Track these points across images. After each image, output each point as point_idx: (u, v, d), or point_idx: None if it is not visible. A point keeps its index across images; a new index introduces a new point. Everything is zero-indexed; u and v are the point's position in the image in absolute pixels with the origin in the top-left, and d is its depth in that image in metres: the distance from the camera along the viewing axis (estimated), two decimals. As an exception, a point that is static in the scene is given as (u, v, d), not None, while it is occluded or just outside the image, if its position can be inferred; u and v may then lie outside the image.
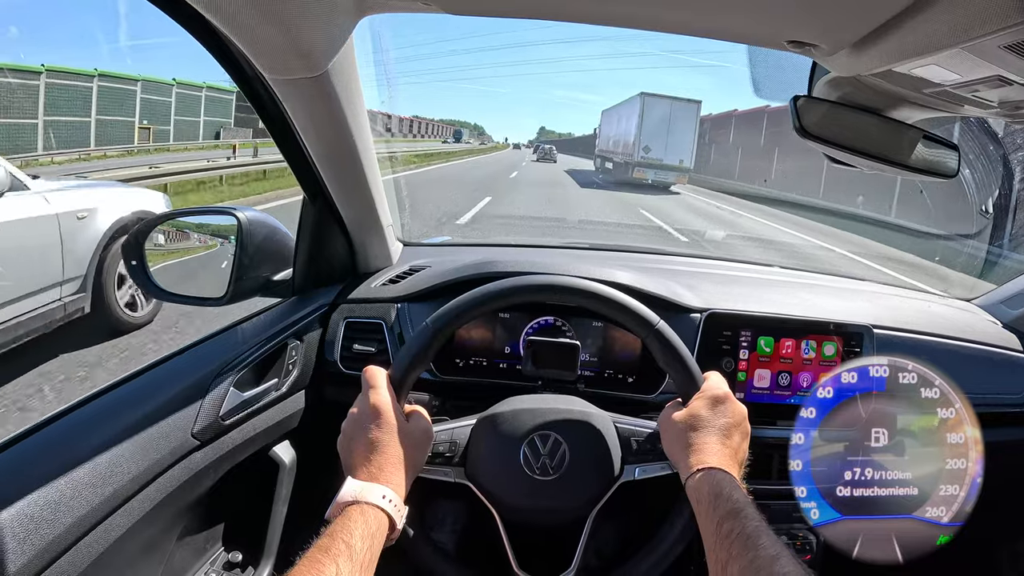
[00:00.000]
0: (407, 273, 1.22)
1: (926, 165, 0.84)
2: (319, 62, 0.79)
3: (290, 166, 1.04)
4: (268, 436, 1.00)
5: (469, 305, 0.83)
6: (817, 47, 0.69)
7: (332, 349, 1.11)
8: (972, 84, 0.65)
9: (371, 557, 0.62)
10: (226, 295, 1.02)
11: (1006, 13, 0.47)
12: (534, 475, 0.81)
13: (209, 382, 0.88)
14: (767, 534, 0.61)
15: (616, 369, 1.11)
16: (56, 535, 0.63)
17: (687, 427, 0.76)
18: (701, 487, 0.69)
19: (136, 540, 0.75)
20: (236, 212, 1.04)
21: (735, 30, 0.73)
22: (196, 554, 0.95)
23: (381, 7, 0.75)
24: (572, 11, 0.73)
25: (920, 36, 0.57)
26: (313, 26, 0.72)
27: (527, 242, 1.66)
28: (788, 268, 1.53)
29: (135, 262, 1.03)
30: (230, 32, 0.72)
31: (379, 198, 1.15)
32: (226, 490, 0.93)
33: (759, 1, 0.62)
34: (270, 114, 0.92)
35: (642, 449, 0.84)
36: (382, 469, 0.70)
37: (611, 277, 1.07)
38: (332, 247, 1.18)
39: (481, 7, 0.71)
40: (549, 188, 17.53)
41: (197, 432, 0.83)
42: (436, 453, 0.82)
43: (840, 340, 1.08)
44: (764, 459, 1.05)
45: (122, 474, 0.72)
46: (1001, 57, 0.55)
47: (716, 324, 1.08)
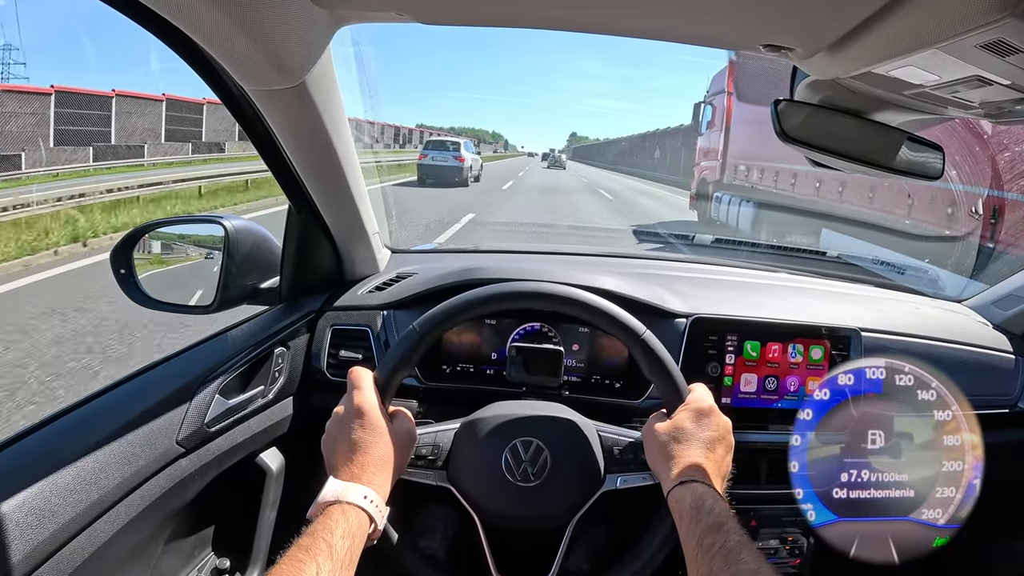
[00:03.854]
0: (393, 280, 1.22)
1: (910, 167, 0.84)
2: (296, 73, 0.80)
3: (274, 175, 1.04)
4: (255, 443, 1.00)
5: (455, 310, 0.83)
6: (793, 51, 0.69)
7: (318, 356, 1.11)
8: (951, 85, 0.65)
9: (351, 557, 0.63)
10: (213, 303, 1.03)
11: (980, 12, 0.47)
12: (515, 481, 0.81)
13: (195, 389, 0.88)
14: (748, 548, 0.61)
15: (603, 374, 1.11)
16: (41, 540, 0.64)
17: (671, 439, 0.77)
18: (683, 500, 0.69)
19: (121, 546, 0.76)
20: (223, 221, 1.05)
21: (711, 35, 0.73)
22: (183, 560, 0.95)
23: (355, 19, 0.76)
24: (547, 19, 0.74)
25: (895, 37, 0.57)
26: (288, 38, 0.73)
27: (515, 248, 1.66)
28: (774, 271, 1.53)
29: (123, 271, 1.03)
30: (206, 45, 0.73)
31: (364, 206, 1.15)
32: (213, 497, 0.93)
33: (733, 6, 0.63)
34: (252, 125, 0.93)
35: (624, 459, 0.84)
36: (364, 469, 0.71)
37: (596, 283, 1.07)
38: (318, 255, 1.19)
39: (455, 18, 0.72)
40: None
41: (182, 439, 0.84)
42: (419, 456, 0.83)
43: (828, 344, 1.08)
44: (752, 464, 1.05)
45: (107, 480, 0.72)
46: (978, 56, 0.55)
47: (702, 329, 1.08)
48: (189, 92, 22.78)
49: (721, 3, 0.62)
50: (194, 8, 0.64)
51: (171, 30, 0.69)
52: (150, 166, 18.71)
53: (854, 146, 0.80)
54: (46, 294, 5.72)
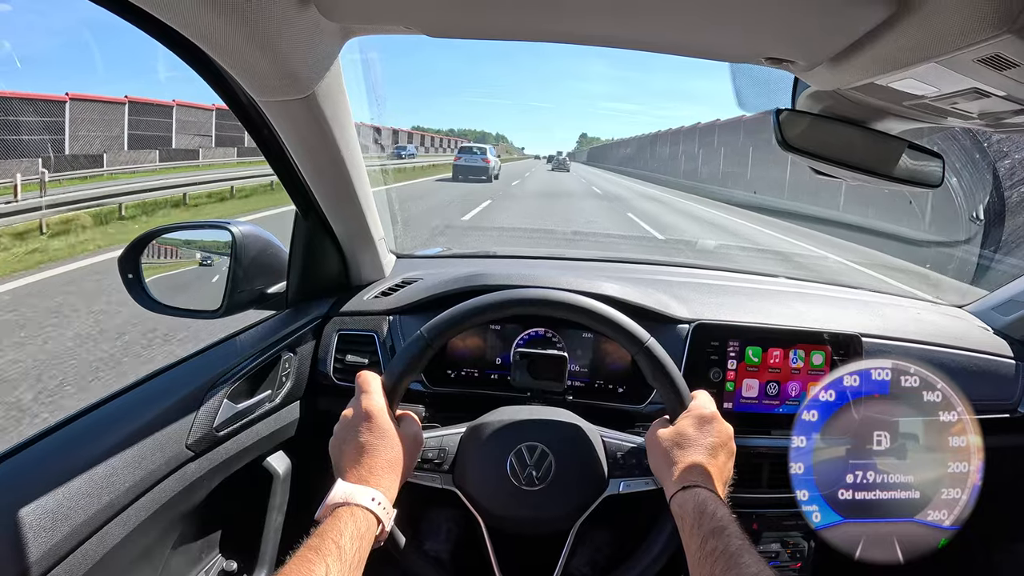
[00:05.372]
0: (399, 286, 1.23)
1: (911, 175, 0.85)
2: (306, 84, 0.82)
3: (281, 182, 1.06)
4: (262, 447, 1.01)
5: (462, 317, 0.84)
6: (794, 63, 0.70)
7: (325, 361, 1.12)
8: (950, 96, 0.65)
9: (360, 558, 0.63)
10: (221, 308, 1.04)
11: (978, 28, 0.48)
12: (520, 485, 0.82)
13: (203, 394, 0.89)
14: (750, 553, 0.62)
15: (606, 379, 1.12)
16: (54, 543, 0.65)
17: (673, 444, 0.77)
18: (685, 504, 0.70)
19: (132, 548, 0.77)
20: (230, 226, 1.06)
21: (712, 48, 0.74)
22: (192, 562, 0.96)
23: (364, 31, 0.78)
24: (550, 32, 0.75)
25: (895, 51, 0.58)
26: (298, 50, 0.74)
27: (518, 253, 1.66)
28: (777, 277, 1.53)
29: (131, 275, 1.04)
30: (219, 58, 0.74)
31: (370, 212, 1.17)
32: (221, 500, 0.94)
33: (735, 20, 0.64)
34: (261, 134, 0.94)
35: (627, 464, 0.85)
36: (372, 472, 0.71)
37: (599, 289, 1.08)
38: (325, 260, 1.20)
39: (461, 31, 0.73)
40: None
41: (191, 443, 0.85)
42: (425, 459, 0.84)
43: (829, 349, 1.09)
44: (754, 468, 1.06)
45: (118, 484, 0.74)
46: (976, 70, 0.56)
47: (704, 335, 1.09)
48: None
49: (723, 17, 0.63)
50: (206, 21, 0.65)
51: (183, 42, 0.70)
52: (205, 166, 19.97)
53: (855, 155, 0.81)
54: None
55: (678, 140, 37.10)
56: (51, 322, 4.64)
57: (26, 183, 10.02)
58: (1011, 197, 1.75)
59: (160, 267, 1.11)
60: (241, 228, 1.06)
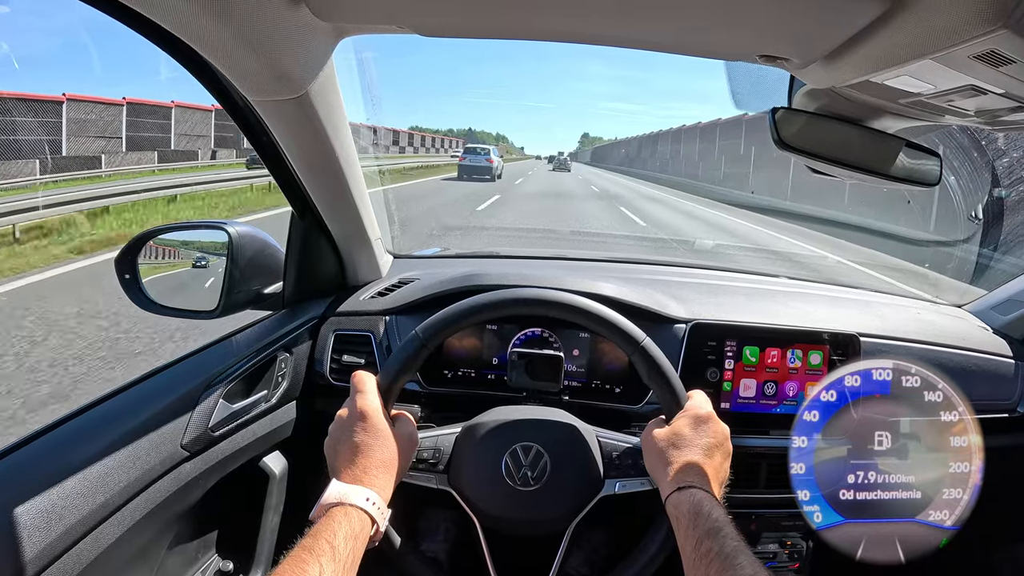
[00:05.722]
0: (395, 286, 1.23)
1: (908, 174, 0.84)
2: (299, 84, 0.82)
3: (278, 183, 1.06)
4: (258, 447, 1.01)
5: (457, 317, 0.84)
6: (789, 61, 0.70)
7: (321, 361, 1.12)
8: (946, 94, 0.65)
9: (354, 558, 0.63)
10: (217, 308, 1.04)
11: (973, 24, 0.48)
12: (515, 485, 0.82)
13: (199, 394, 0.89)
14: (745, 554, 0.62)
15: (603, 380, 1.11)
16: (48, 543, 0.65)
17: (669, 445, 0.77)
18: (681, 505, 0.70)
19: (126, 548, 0.77)
20: (227, 227, 1.06)
21: (706, 46, 0.74)
22: (187, 563, 0.96)
23: (357, 31, 0.78)
24: (543, 31, 0.75)
25: (890, 47, 0.58)
26: (290, 50, 0.74)
27: (515, 253, 1.66)
28: (775, 276, 1.53)
29: (128, 276, 1.04)
30: (211, 59, 0.74)
31: (366, 212, 1.16)
32: (217, 500, 0.94)
33: (728, 17, 0.63)
34: (256, 134, 0.94)
35: (623, 464, 0.85)
36: (366, 472, 0.71)
37: (596, 289, 1.08)
38: (321, 261, 1.20)
39: (453, 30, 0.73)
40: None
41: (187, 443, 0.85)
42: (420, 459, 0.84)
43: (827, 349, 1.08)
44: (752, 468, 1.05)
45: (113, 484, 0.73)
46: (971, 67, 0.55)
47: (701, 335, 1.08)
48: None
49: (717, 15, 0.63)
50: (198, 22, 0.65)
51: (176, 43, 0.70)
52: (204, 167, 20.29)
53: (852, 153, 0.81)
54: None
55: (678, 139, 37.23)
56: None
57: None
58: (1010, 196, 1.75)
59: (157, 267, 1.11)
60: (238, 228, 1.06)
